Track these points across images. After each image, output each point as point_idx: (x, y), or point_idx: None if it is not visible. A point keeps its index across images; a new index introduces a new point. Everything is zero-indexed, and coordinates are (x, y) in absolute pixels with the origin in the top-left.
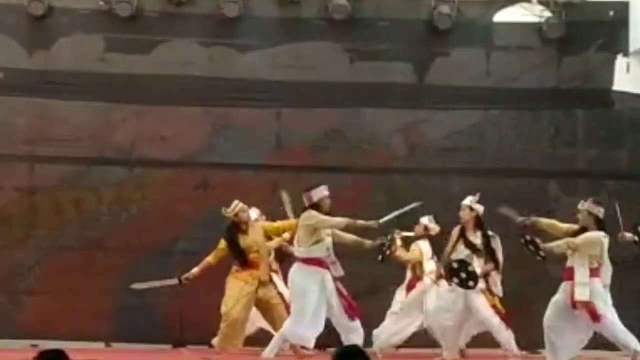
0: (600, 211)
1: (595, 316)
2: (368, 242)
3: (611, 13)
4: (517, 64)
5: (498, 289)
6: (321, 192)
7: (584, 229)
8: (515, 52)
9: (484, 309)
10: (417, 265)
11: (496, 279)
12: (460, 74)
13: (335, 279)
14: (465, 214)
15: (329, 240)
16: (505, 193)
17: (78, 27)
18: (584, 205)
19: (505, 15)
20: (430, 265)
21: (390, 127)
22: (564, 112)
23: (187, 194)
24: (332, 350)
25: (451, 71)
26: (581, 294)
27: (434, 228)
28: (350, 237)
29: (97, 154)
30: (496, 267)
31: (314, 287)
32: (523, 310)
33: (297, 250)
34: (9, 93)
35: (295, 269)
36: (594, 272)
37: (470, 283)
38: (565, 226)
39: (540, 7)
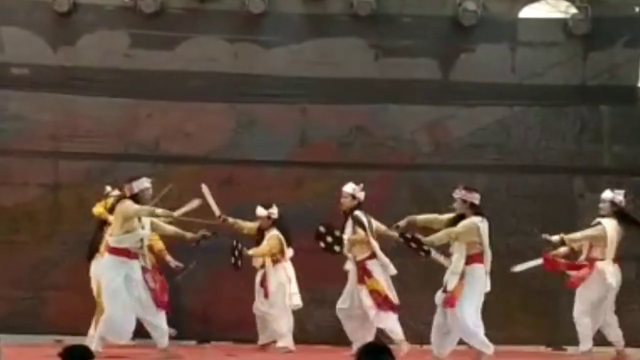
0: (474, 197)
1: (451, 301)
2: (189, 234)
3: (637, 9)
4: (542, 60)
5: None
6: (142, 183)
7: (461, 217)
8: (541, 48)
9: (365, 299)
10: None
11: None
12: (485, 70)
13: (144, 270)
14: (346, 202)
15: (142, 232)
16: (530, 190)
17: (103, 24)
18: (458, 194)
19: (530, 12)
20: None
21: (415, 124)
22: (589, 108)
23: (211, 191)
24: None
25: (476, 67)
26: (450, 284)
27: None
28: (171, 228)
29: (121, 150)
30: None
31: (119, 279)
32: (548, 307)
33: (110, 239)
34: (33, 89)
35: (104, 260)
36: (476, 258)
37: (336, 247)
38: (444, 217)
39: (566, 3)
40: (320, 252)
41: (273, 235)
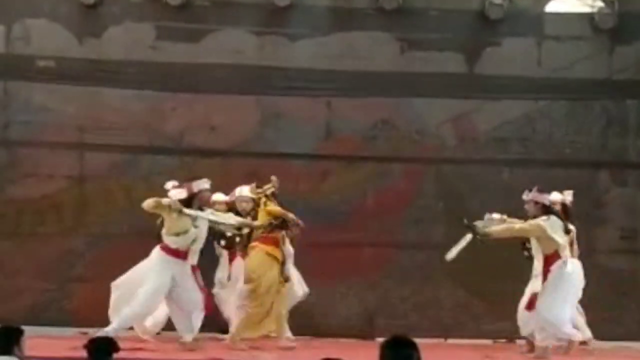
0: (545, 199)
1: (529, 305)
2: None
3: None
4: (568, 54)
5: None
6: (202, 184)
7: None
8: (567, 42)
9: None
10: None
11: None
12: (511, 63)
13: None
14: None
15: (194, 231)
16: (556, 184)
17: (129, 16)
18: (529, 196)
19: (557, 5)
20: None
21: (441, 117)
22: (615, 102)
23: (237, 183)
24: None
25: (502, 61)
26: (532, 285)
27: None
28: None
29: (147, 142)
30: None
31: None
32: None
33: (164, 236)
34: (59, 81)
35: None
36: (554, 256)
37: (222, 242)
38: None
39: None
40: (342, 245)
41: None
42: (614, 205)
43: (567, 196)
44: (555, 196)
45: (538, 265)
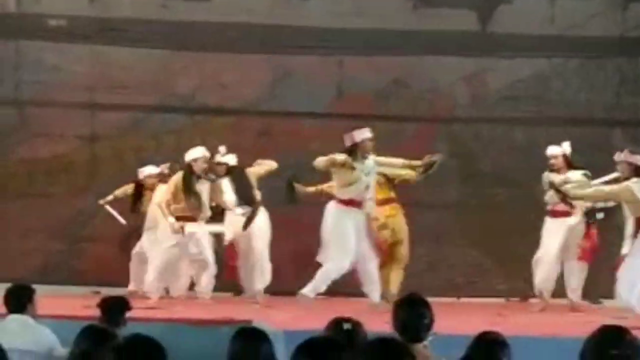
0: (638, 159)
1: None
2: None
3: None
4: (581, 11)
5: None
6: (364, 133)
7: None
8: None
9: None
10: None
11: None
12: (523, 21)
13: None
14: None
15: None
16: (569, 142)
17: None
18: (620, 157)
19: None
20: None
21: (453, 76)
22: (628, 60)
23: (248, 142)
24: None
25: (515, 18)
26: (624, 248)
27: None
28: None
29: (157, 101)
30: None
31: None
32: None
33: None
34: (69, 41)
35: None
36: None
37: None
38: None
39: None
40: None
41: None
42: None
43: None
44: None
45: (629, 227)
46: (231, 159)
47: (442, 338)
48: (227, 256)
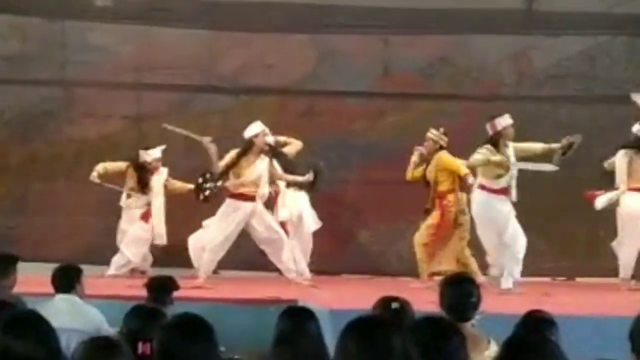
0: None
1: None
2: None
3: None
4: None
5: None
6: (506, 120)
7: None
8: None
9: None
10: None
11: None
12: None
13: None
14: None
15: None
16: (615, 120)
17: None
18: None
19: None
20: None
21: (499, 54)
22: None
23: (292, 122)
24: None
25: None
26: None
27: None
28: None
29: (203, 81)
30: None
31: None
32: None
33: None
34: (115, 21)
35: None
36: None
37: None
38: None
39: None
40: (399, 183)
41: None
42: None
43: None
44: None
45: None
46: (271, 140)
47: (489, 317)
48: None
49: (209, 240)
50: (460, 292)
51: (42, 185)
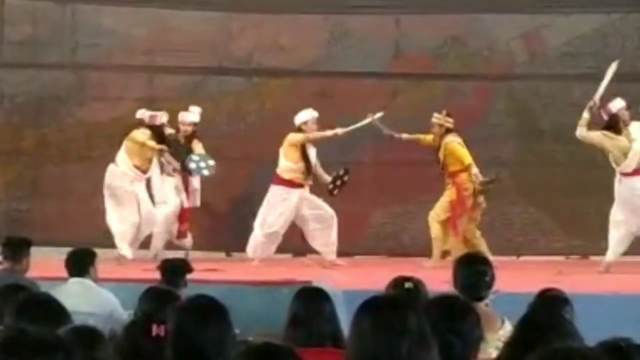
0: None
1: None
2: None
3: None
4: None
5: None
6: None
7: None
8: None
9: None
10: None
11: None
12: None
13: None
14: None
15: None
16: (628, 98)
17: None
18: None
19: None
20: None
21: (511, 33)
22: None
23: (305, 103)
24: None
25: None
26: None
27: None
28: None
29: (215, 63)
30: None
31: None
32: None
33: None
34: (127, 3)
35: None
36: None
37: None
38: None
39: None
40: (412, 164)
41: None
42: None
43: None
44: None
45: None
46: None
47: (503, 296)
48: None
49: (268, 226)
50: (474, 271)
51: (54, 169)
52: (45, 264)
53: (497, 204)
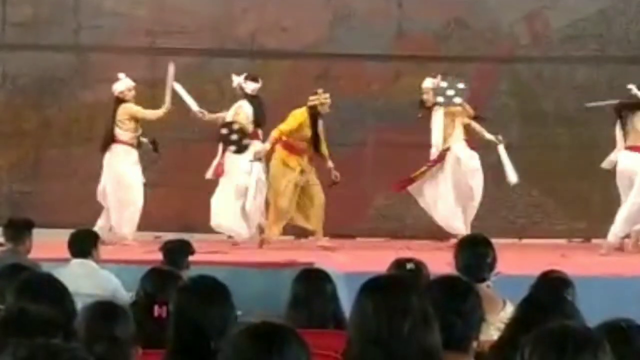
0: None
1: None
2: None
3: None
4: None
5: None
6: None
7: None
8: None
9: None
10: None
11: None
12: None
13: None
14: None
15: None
16: (632, 81)
17: None
18: None
19: None
20: None
21: (514, 15)
22: None
23: (308, 85)
24: None
25: None
26: None
27: None
28: None
29: (218, 45)
30: None
31: None
32: None
33: None
34: None
35: None
36: None
37: None
38: None
39: None
40: (415, 146)
41: None
42: None
43: None
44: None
45: None
46: None
47: (505, 278)
48: None
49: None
50: (476, 253)
51: (56, 150)
52: (47, 246)
53: (500, 186)
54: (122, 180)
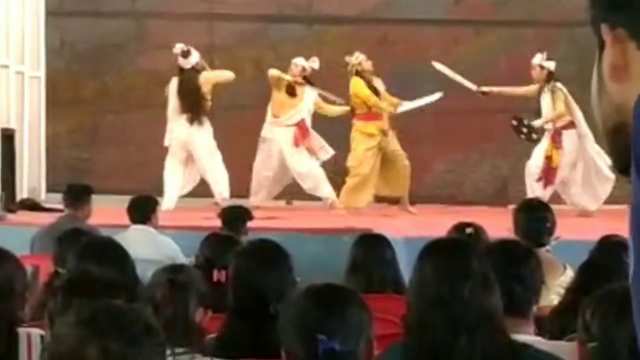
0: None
1: None
2: None
3: None
4: None
5: None
6: None
7: None
8: None
9: None
10: None
11: None
12: None
13: None
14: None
15: None
16: None
17: None
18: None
19: None
20: None
21: None
22: None
23: (366, 50)
24: None
25: None
26: None
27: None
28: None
29: (275, 11)
30: None
31: None
32: None
33: None
34: None
35: None
36: None
37: (534, 136)
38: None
39: None
40: (474, 112)
41: None
42: None
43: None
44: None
45: None
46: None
47: (565, 243)
48: None
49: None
50: (535, 217)
51: (114, 117)
52: (105, 212)
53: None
54: (214, 150)
